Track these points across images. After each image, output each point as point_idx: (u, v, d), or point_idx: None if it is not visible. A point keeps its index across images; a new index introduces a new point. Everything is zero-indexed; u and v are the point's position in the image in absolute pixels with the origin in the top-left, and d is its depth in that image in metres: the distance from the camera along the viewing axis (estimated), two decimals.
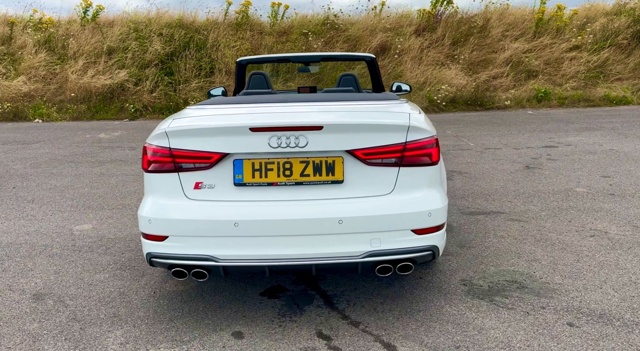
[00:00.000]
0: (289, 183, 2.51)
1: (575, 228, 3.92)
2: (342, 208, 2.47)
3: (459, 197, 4.85)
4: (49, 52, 13.18)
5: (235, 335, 2.54)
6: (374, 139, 2.53)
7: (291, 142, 2.46)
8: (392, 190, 2.56)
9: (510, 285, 3.01)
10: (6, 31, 14.12)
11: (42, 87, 12.48)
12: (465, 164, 6.27)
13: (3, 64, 13.28)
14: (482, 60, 13.69)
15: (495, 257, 3.41)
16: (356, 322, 2.64)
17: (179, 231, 2.48)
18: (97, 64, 12.55)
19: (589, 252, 3.46)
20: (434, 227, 2.60)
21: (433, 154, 2.64)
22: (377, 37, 13.43)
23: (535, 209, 4.41)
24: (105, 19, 14.08)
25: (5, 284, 3.16)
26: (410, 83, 12.65)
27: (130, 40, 12.65)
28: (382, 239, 2.50)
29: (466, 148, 7.34)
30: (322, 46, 12.98)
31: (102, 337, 2.53)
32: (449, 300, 2.85)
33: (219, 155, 2.49)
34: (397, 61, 13.17)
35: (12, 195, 5.33)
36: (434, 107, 11.96)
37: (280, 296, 2.93)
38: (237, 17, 13.23)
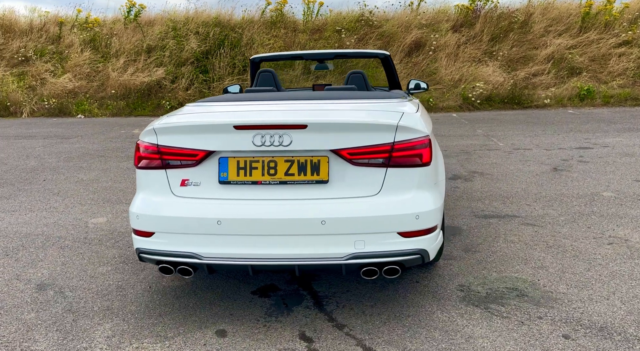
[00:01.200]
0: (274, 182, 2.49)
1: (593, 235, 3.71)
2: (326, 209, 2.43)
3: (475, 199, 4.70)
4: (93, 51, 13.68)
5: (218, 333, 2.54)
6: (360, 139, 2.47)
7: (275, 141, 2.44)
8: (379, 191, 2.50)
9: (509, 292, 2.88)
10: (56, 31, 14.75)
11: (85, 84, 12.97)
12: (489, 165, 6.07)
13: (52, 62, 13.89)
14: (521, 56, 13.22)
15: (500, 263, 3.27)
16: (341, 325, 2.60)
17: (164, 228, 2.51)
18: (137, 62, 12.93)
19: (603, 260, 3.27)
20: (422, 230, 2.52)
21: (424, 155, 2.55)
22: (412, 34, 13.20)
23: (554, 214, 4.22)
24: (147, 18, 14.48)
25: (14, 273, 3.29)
26: (444, 80, 12.40)
27: (168, 38, 12.97)
28: (366, 241, 2.45)
29: (494, 148, 7.11)
30: (355, 43, 12.88)
31: (91, 330, 2.59)
32: (441, 306, 2.76)
33: (204, 153, 2.50)
34: (432, 58, 12.91)
35: (41, 187, 5.56)
36: (468, 105, 11.66)
37: (271, 296, 2.92)
38: (272, 15, 13.31)
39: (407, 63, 12.90)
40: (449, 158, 6.50)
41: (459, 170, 5.84)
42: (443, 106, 11.74)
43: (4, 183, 5.81)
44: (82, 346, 2.44)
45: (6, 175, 6.22)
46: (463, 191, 4.97)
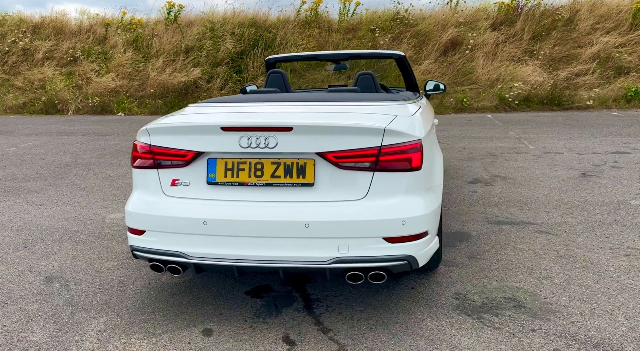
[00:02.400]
0: (260, 184, 2.50)
1: (610, 245, 3.53)
2: (310, 212, 2.42)
3: (491, 204, 4.56)
4: (135, 51, 14.15)
5: (205, 332, 2.58)
6: (347, 142, 2.45)
7: (261, 143, 2.45)
8: (365, 196, 2.46)
9: (507, 302, 2.78)
10: (102, 32, 15.35)
11: (127, 83, 13.44)
12: (514, 169, 5.87)
13: (97, 62, 14.47)
14: (564, 55, 12.73)
15: (503, 271, 3.17)
16: (327, 329, 2.58)
17: (154, 226, 2.57)
18: (176, 62, 13.28)
19: (615, 272, 3.11)
20: (409, 236, 2.47)
21: (414, 159, 2.50)
22: (448, 32, 12.95)
23: (572, 221, 4.04)
24: (188, 19, 14.84)
25: (27, 265, 3.45)
26: (481, 80, 12.09)
27: (205, 39, 13.25)
28: (350, 245, 2.42)
29: (523, 151, 6.87)
30: (389, 42, 12.75)
31: (86, 323, 2.68)
32: (433, 314, 2.69)
33: (193, 153, 2.54)
34: (468, 57, 12.62)
35: (70, 182, 5.80)
36: (504, 105, 11.33)
37: (264, 296, 2.94)
38: (307, 15, 13.36)
39: (442, 62, 12.67)
40: (472, 161, 6.34)
41: (480, 174, 5.68)
42: (478, 106, 11.46)
43: (38, 177, 6.10)
44: (74, 338, 2.53)
45: (42, 170, 6.53)
46: (480, 196, 4.83)
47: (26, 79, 14.38)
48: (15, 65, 15.14)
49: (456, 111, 11.46)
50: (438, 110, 11.52)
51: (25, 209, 4.79)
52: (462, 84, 12.21)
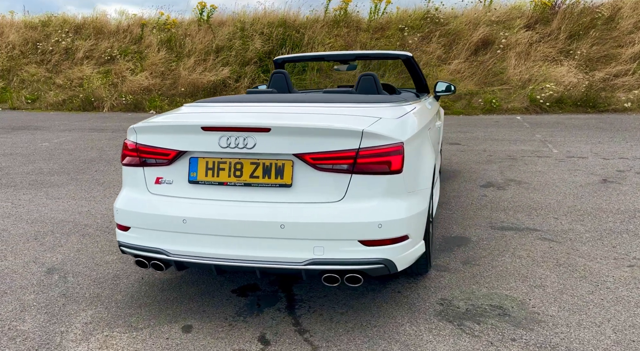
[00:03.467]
0: (239, 184, 2.53)
1: (615, 255, 3.39)
2: (286, 213, 2.43)
3: (499, 209, 4.44)
4: (168, 51, 14.50)
5: (184, 328, 2.63)
6: (324, 144, 2.45)
7: (240, 143, 2.48)
8: (343, 198, 2.46)
9: (492, 310, 2.71)
10: (138, 32, 15.80)
11: (159, 82, 13.79)
12: (531, 173, 5.70)
13: (132, 61, 14.91)
14: (603, 55, 12.24)
15: (495, 278, 3.09)
16: (304, 330, 2.59)
17: (138, 223, 2.63)
18: (206, 62, 13.53)
19: (613, 284, 2.98)
20: (386, 239, 2.45)
21: (393, 162, 2.47)
22: (480, 31, 12.67)
23: (580, 229, 3.89)
24: (220, 19, 15.09)
25: (33, 256, 3.60)
26: (512, 80, 11.79)
27: (235, 39, 13.43)
28: (325, 247, 2.42)
29: (545, 155, 6.66)
30: (418, 41, 12.59)
31: (75, 315, 2.78)
32: (413, 319, 2.65)
33: (175, 152, 2.59)
34: (500, 57, 12.31)
35: (90, 177, 6.01)
36: (535, 107, 11.00)
37: (249, 295, 2.97)
38: (336, 14, 13.35)
39: (473, 62, 12.41)
40: (490, 165, 6.19)
41: (495, 178, 5.54)
42: (507, 108, 11.17)
43: (62, 172, 6.34)
44: (60, 329, 2.63)
45: (67, 165, 6.78)
46: (490, 200, 4.72)
47: (66, 77, 14.96)
48: (57, 63, 15.77)
49: (484, 112, 11.21)
50: (466, 111, 11.30)
51: (44, 202, 5.00)
52: (492, 84, 11.93)
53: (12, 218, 4.50)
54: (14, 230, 4.20)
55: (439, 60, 12.39)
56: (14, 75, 15.77)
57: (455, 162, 6.41)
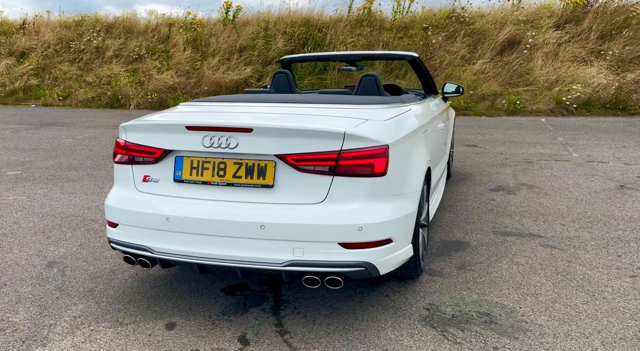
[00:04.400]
0: (222, 184, 2.54)
1: (618, 265, 3.26)
2: (266, 214, 2.43)
3: (505, 214, 4.34)
4: (194, 50, 14.72)
5: (168, 325, 2.66)
6: (306, 145, 2.44)
7: (222, 143, 2.49)
8: (324, 200, 2.44)
9: (479, 317, 2.65)
10: (165, 31, 16.10)
11: (184, 81, 14.01)
12: (545, 177, 5.55)
13: (159, 60, 15.20)
14: (636, 56, 11.84)
15: (488, 285, 3.01)
16: (285, 331, 2.58)
17: (125, 220, 2.68)
18: (230, 61, 13.67)
19: (611, 294, 2.87)
20: (367, 242, 2.42)
21: (376, 165, 2.45)
22: (506, 31, 12.41)
23: (586, 237, 3.76)
24: (245, 19, 15.23)
25: (37, 249, 3.71)
26: (538, 81, 11.50)
27: (259, 38, 13.53)
28: (305, 249, 2.41)
29: (564, 159, 6.47)
30: (442, 41, 12.41)
31: (66, 308, 2.85)
32: (397, 323, 2.62)
33: (161, 151, 2.62)
34: (526, 57, 12.02)
35: (106, 173, 6.15)
36: (561, 109, 10.70)
37: (237, 294, 2.98)
38: (359, 13, 13.29)
39: (498, 62, 12.16)
40: (504, 168, 6.06)
41: (506, 181, 5.42)
42: (532, 109, 10.91)
43: (80, 167, 6.51)
44: (50, 322, 2.70)
45: (86, 160, 6.96)
46: (497, 204, 4.61)
47: (96, 75, 15.36)
48: (88, 62, 16.22)
49: (508, 113, 10.97)
50: (489, 112, 11.08)
51: (58, 197, 5.14)
52: (516, 85, 11.67)
53: (24, 212, 4.64)
54: (24, 223, 4.33)
55: (462, 60, 12.19)
56: (48, 72, 16.28)
57: (469, 165, 6.29)
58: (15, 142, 8.52)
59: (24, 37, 17.64)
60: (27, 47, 17.16)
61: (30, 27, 18.19)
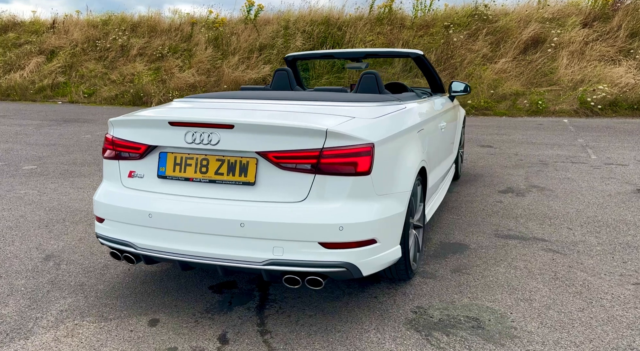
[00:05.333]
0: (204, 180, 2.52)
1: (622, 271, 3.12)
2: (246, 211, 2.40)
3: (510, 216, 4.21)
4: (215, 49, 14.84)
5: (151, 322, 2.65)
6: (288, 142, 2.39)
7: (204, 139, 2.47)
8: (305, 198, 2.40)
9: (467, 322, 2.56)
10: (188, 30, 16.28)
11: (204, 79, 14.14)
12: (558, 180, 5.37)
13: (181, 59, 15.38)
14: None
15: (482, 289, 2.92)
16: (266, 331, 2.55)
17: (111, 215, 2.69)
18: (250, 60, 13.73)
19: (609, 302, 2.74)
20: (348, 243, 2.37)
21: (360, 163, 2.39)
22: (530, 29, 12.11)
23: (592, 242, 3.61)
24: (266, 17, 15.27)
25: (37, 243, 3.77)
26: (562, 81, 11.19)
27: (279, 37, 13.54)
28: (285, 248, 2.37)
29: (581, 161, 6.26)
30: (464, 39, 12.18)
31: (55, 302, 2.88)
32: (381, 326, 2.55)
33: (145, 147, 2.62)
34: (551, 56, 11.70)
35: None
36: (585, 110, 10.37)
37: (224, 292, 2.96)
38: (380, 11, 13.16)
39: (521, 61, 11.88)
40: (517, 169, 5.89)
41: (517, 183, 5.26)
42: (555, 110, 10.61)
43: (93, 163, 6.62)
44: (36, 315, 2.73)
45: (100, 156, 7.06)
46: (504, 206, 4.48)
47: (120, 73, 15.64)
48: (113, 60, 16.52)
49: (529, 114, 10.70)
50: (509, 112, 10.83)
51: (67, 191, 5.23)
52: (540, 84, 11.37)
53: (33, 206, 4.73)
54: (30, 216, 4.41)
55: (484, 59, 11.95)
56: (75, 70, 16.66)
57: (481, 166, 6.14)
58: (36, 138, 8.72)
59: (53, 36, 18.09)
60: (56, 46, 17.60)
61: (60, 27, 18.66)
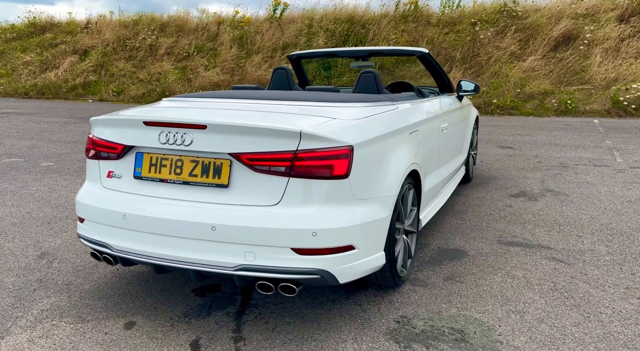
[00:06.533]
0: (178, 182, 2.47)
1: (628, 284, 2.91)
2: (218, 215, 2.33)
3: (518, 222, 4.01)
4: (239, 48, 14.91)
5: (127, 324, 2.62)
6: (262, 144, 2.31)
7: (177, 139, 2.42)
8: (279, 202, 2.31)
9: (451, 334, 2.43)
10: (214, 30, 16.42)
11: (228, 78, 14.22)
12: (576, 184, 5.11)
13: (206, 58, 15.52)
14: None
15: (473, 299, 2.77)
16: (240, 338, 2.47)
17: (89, 216, 2.66)
18: (273, 58, 13.72)
19: (609, 317, 2.55)
20: (323, 249, 2.27)
21: (336, 166, 2.29)
22: (561, 25, 11.65)
23: (601, 251, 3.40)
24: (291, 16, 15.24)
25: (36, 240, 3.80)
26: (595, 80, 10.73)
27: (302, 35, 13.48)
28: (256, 253, 2.29)
29: (605, 164, 5.95)
30: (491, 36, 11.83)
31: (38, 301, 2.88)
32: (359, 335, 2.44)
33: (122, 146, 2.58)
34: (583, 53, 11.24)
35: None
36: (618, 110, 9.90)
37: (207, 296, 2.90)
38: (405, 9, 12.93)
39: (550, 58, 11.45)
40: (533, 172, 5.64)
41: (531, 187, 5.03)
42: (585, 110, 10.18)
43: None
44: (17, 314, 2.73)
45: None
46: (513, 211, 4.27)
47: (148, 72, 15.91)
48: (142, 59, 16.83)
49: (558, 114, 10.30)
50: (536, 112, 10.46)
51: (76, 189, 5.29)
52: (570, 83, 10.93)
53: (40, 202, 4.80)
54: (35, 213, 4.47)
55: (511, 57, 11.58)
56: (105, 70, 17.05)
57: (496, 168, 5.91)
58: (60, 135, 8.93)
59: (87, 36, 18.57)
60: (89, 46, 18.05)
61: (93, 27, 19.14)
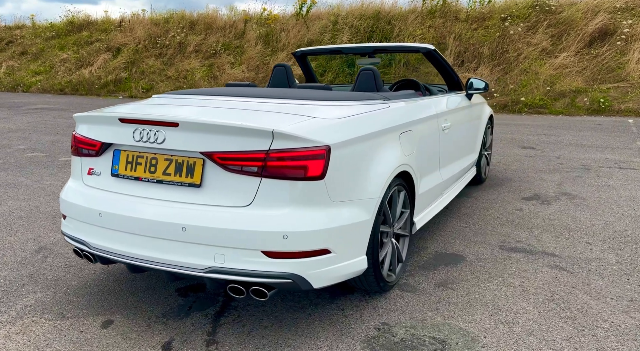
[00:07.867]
0: (152, 180, 2.43)
1: (632, 296, 2.71)
2: (188, 215, 2.28)
3: (526, 226, 3.81)
4: (264, 45, 14.92)
5: (105, 323, 2.60)
6: (234, 143, 2.24)
7: (151, 137, 2.37)
8: (251, 203, 2.24)
9: (431, 344, 2.30)
10: (241, 27, 16.50)
11: (253, 75, 14.25)
12: (595, 187, 4.84)
13: (233, 55, 15.62)
14: None
15: (461, 307, 2.62)
16: (213, 341, 2.41)
17: (70, 213, 2.66)
18: None
19: (605, 332, 2.36)
20: (294, 252, 2.19)
21: (310, 167, 2.20)
22: (597, 20, 11.15)
23: (610, 260, 3.18)
24: (317, 13, 15.15)
25: (37, 234, 3.85)
26: (632, 77, 10.23)
27: (327, 32, 13.38)
28: (226, 256, 2.22)
29: (632, 167, 5.63)
30: (522, 32, 11.43)
31: (24, 296, 2.90)
32: (336, 343, 2.35)
33: (99, 144, 2.56)
34: (620, 49, 10.73)
35: None
36: None
37: (189, 296, 2.86)
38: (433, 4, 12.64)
39: (584, 55, 10.98)
40: (552, 174, 5.39)
41: (547, 190, 4.80)
42: (620, 109, 9.71)
43: None
44: (2, 309, 2.75)
45: None
46: (522, 215, 4.07)
47: (176, 70, 16.13)
48: (171, 57, 17.07)
49: (589, 113, 9.86)
50: (567, 111, 10.04)
51: None
52: (605, 81, 10.46)
53: (50, 197, 4.88)
54: (43, 207, 4.54)
55: (542, 53, 11.16)
56: (136, 67, 17.38)
57: (513, 169, 5.68)
58: None
59: (120, 34, 18.98)
60: (121, 43, 18.45)
61: (126, 25, 19.56)
